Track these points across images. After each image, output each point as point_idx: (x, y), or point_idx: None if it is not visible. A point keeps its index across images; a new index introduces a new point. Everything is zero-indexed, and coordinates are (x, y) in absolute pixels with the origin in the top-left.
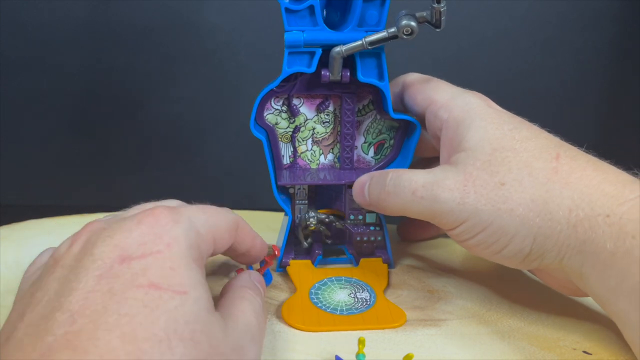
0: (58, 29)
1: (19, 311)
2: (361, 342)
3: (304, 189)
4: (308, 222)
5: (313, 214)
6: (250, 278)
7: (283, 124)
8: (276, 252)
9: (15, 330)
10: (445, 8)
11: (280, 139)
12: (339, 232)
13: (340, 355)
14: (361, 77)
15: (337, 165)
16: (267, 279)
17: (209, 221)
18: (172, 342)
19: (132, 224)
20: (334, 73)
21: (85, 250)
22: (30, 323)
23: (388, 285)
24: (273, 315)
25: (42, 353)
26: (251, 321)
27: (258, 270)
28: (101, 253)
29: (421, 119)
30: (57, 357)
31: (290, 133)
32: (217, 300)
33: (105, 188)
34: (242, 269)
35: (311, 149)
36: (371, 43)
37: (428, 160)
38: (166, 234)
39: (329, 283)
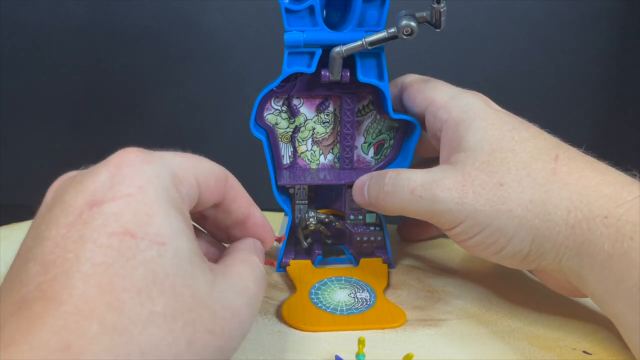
0: (58, 29)
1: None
2: (361, 342)
3: (304, 189)
4: (308, 222)
5: (313, 213)
6: (254, 244)
7: (283, 124)
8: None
9: (9, 273)
10: (445, 8)
11: (280, 139)
12: (339, 232)
13: (340, 355)
14: (361, 77)
15: (337, 165)
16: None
17: (188, 163)
18: (152, 293)
19: (101, 168)
20: (334, 73)
21: (55, 199)
22: (8, 277)
23: (388, 285)
24: (273, 315)
25: (17, 305)
26: (249, 285)
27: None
28: (70, 200)
29: (420, 120)
30: (32, 308)
31: (290, 133)
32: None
33: None
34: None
35: (311, 149)
36: (371, 43)
37: (428, 160)
38: (136, 176)
39: (329, 283)
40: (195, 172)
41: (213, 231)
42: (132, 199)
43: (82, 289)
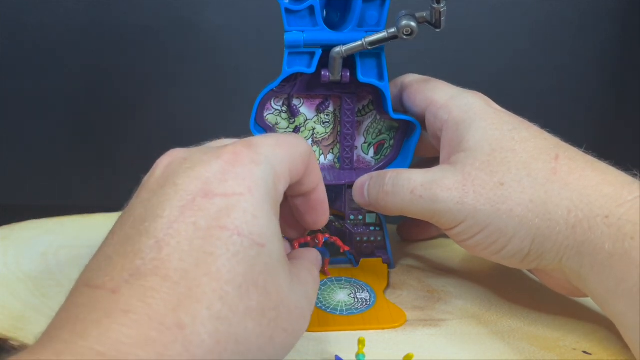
0: (58, 29)
1: (113, 230)
2: (361, 342)
3: None
4: None
5: None
6: (317, 258)
7: (283, 124)
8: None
9: (105, 245)
10: (445, 8)
11: None
12: (339, 232)
13: (340, 355)
14: (361, 78)
15: (337, 165)
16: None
17: (285, 155)
18: (249, 289)
19: (212, 157)
20: (334, 73)
21: (166, 177)
22: (118, 241)
23: (388, 285)
24: None
25: (131, 274)
26: (310, 292)
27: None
28: (183, 184)
29: (421, 120)
30: (146, 282)
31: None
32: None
33: (105, 188)
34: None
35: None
36: (371, 43)
37: (428, 160)
38: (247, 176)
39: (329, 283)
40: (290, 162)
41: None
42: (243, 199)
43: (194, 274)
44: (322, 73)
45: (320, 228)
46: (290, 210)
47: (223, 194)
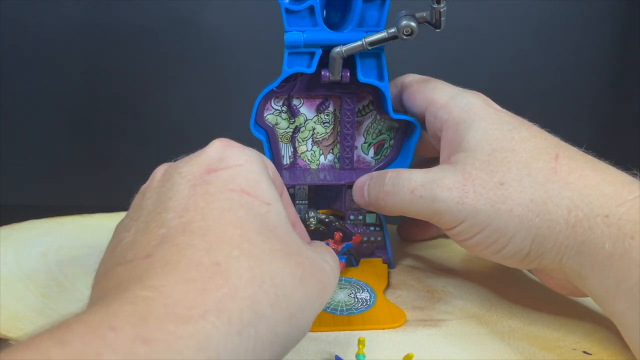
0: (58, 29)
1: (120, 230)
2: (361, 342)
3: (304, 189)
4: (308, 222)
5: (313, 214)
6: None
7: (283, 124)
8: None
9: (122, 239)
10: (445, 8)
11: (280, 140)
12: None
13: (340, 355)
14: (361, 78)
15: (337, 165)
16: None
17: (267, 160)
18: (270, 235)
19: (206, 149)
20: (334, 73)
21: (170, 173)
22: (137, 229)
23: (388, 285)
24: None
25: (160, 241)
26: (329, 259)
27: None
28: (188, 171)
29: (420, 120)
30: (175, 239)
31: (290, 133)
32: None
33: (105, 188)
34: None
35: (311, 149)
36: (371, 43)
37: (428, 160)
38: (242, 153)
39: None
40: (270, 165)
41: None
42: (243, 168)
43: (218, 226)
44: (322, 73)
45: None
46: None
47: (225, 167)
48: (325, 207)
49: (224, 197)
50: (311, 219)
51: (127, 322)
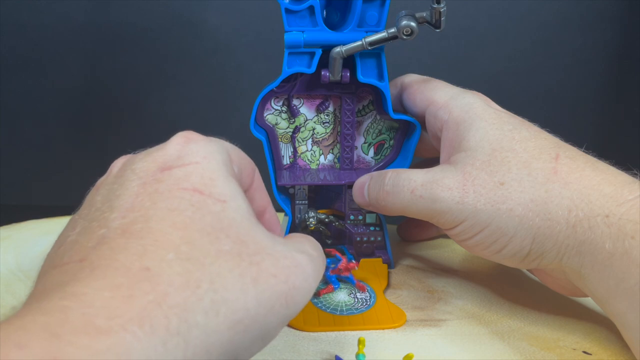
0: (58, 29)
1: (68, 227)
2: (361, 342)
3: (303, 189)
4: (308, 222)
5: (313, 214)
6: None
7: (283, 124)
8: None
9: (67, 237)
10: (445, 8)
11: (280, 140)
12: (339, 232)
13: (340, 355)
14: (361, 78)
15: (337, 165)
16: (335, 284)
17: (235, 150)
18: (220, 235)
19: (166, 144)
20: (334, 73)
21: (124, 168)
22: (82, 227)
23: (388, 285)
24: None
25: (97, 242)
26: (308, 249)
27: None
28: (141, 167)
29: (421, 120)
30: (113, 242)
31: (290, 133)
32: None
33: None
34: None
35: (311, 150)
36: (371, 43)
37: (428, 160)
38: (201, 149)
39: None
40: (238, 156)
41: None
42: (199, 166)
43: (159, 227)
44: (322, 73)
45: None
46: None
47: (180, 165)
48: (325, 207)
49: (173, 197)
50: (311, 219)
51: (37, 337)
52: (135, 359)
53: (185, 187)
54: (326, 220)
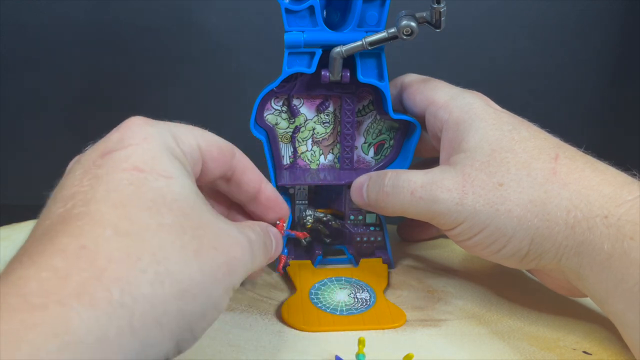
0: (58, 29)
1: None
2: (361, 342)
3: (304, 189)
4: (305, 220)
5: (310, 212)
6: (267, 227)
7: (283, 124)
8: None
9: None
10: (445, 8)
11: (280, 140)
12: (339, 232)
13: (340, 355)
14: (361, 78)
15: (337, 165)
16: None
17: (189, 129)
18: (162, 210)
19: (111, 132)
20: (334, 73)
21: (73, 163)
22: (36, 225)
23: (388, 285)
24: (273, 315)
25: (41, 232)
26: (249, 233)
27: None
28: (85, 157)
29: (420, 120)
30: (53, 230)
31: (290, 133)
32: None
33: None
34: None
35: (311, 150)
36: (371, 43)
37: (428, 161)
38: (141, 131)
39: (328, 283)
40: (196, 137)
41: (231, 216)
42: (139, 147)
43: (97, 207)
44: (322, 73)
45: (284, 220)
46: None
47: (120, 148)
48: (325, 207)
49: (112, 179)
50: (308, 217)
51: None
52: (75, 330)
53: (125, 167)
54: (324, 218)
